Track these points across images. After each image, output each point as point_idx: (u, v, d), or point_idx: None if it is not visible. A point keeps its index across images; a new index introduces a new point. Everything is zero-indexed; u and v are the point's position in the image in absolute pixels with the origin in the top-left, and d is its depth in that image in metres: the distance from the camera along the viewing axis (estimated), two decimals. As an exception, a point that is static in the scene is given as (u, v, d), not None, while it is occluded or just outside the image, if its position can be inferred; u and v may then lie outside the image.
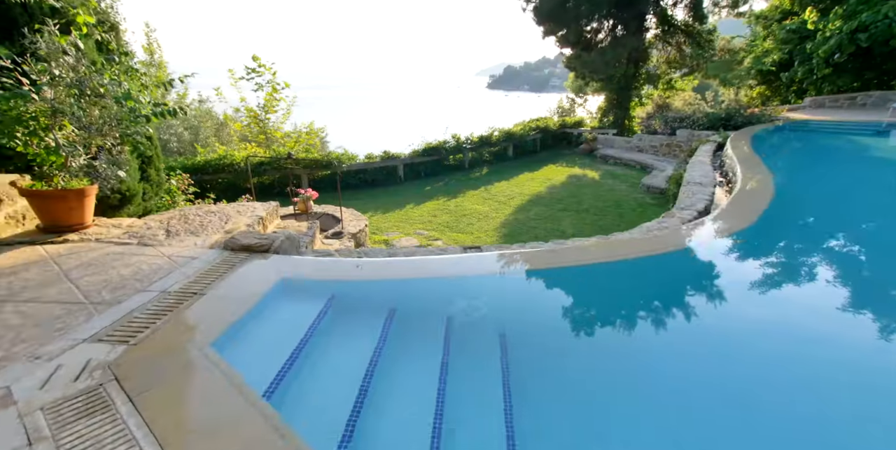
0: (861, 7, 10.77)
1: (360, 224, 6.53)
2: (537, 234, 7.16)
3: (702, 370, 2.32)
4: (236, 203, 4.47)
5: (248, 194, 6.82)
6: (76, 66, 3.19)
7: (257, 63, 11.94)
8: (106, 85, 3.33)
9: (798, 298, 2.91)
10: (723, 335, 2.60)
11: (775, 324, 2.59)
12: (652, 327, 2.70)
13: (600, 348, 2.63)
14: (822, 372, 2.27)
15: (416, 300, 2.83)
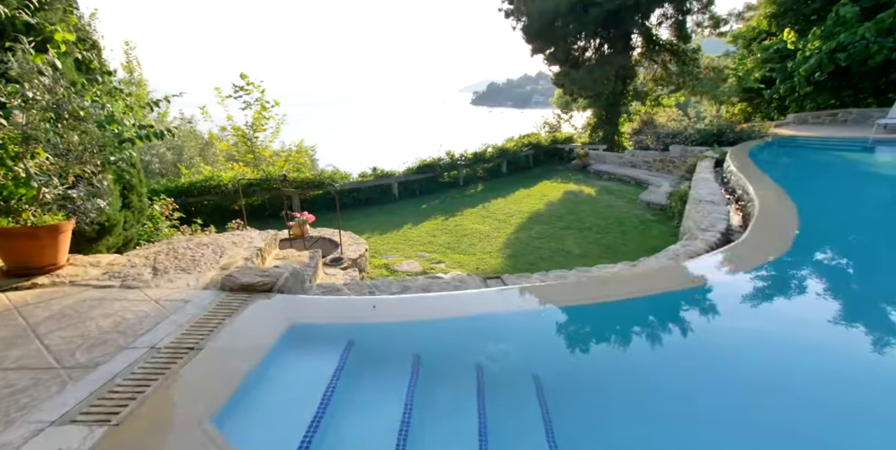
0: (838, 28, 11.22)
1: (360, 249, 6.19)
2: (542, 254, 6.92)
3: (760, 413, 2.05)
4: (230, 233, 4.10)
5: (238, 219, 6.42)
6: (53, 87, 2.85)
7: (245, 81, 11.68)
8: (87, 108, 2.99)
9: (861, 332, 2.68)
10: (787, 374, 2.34)
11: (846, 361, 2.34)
12: (709, 371, 2.43)
13: (652, 393, 2.34)
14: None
15: (442, 345, 2.51)
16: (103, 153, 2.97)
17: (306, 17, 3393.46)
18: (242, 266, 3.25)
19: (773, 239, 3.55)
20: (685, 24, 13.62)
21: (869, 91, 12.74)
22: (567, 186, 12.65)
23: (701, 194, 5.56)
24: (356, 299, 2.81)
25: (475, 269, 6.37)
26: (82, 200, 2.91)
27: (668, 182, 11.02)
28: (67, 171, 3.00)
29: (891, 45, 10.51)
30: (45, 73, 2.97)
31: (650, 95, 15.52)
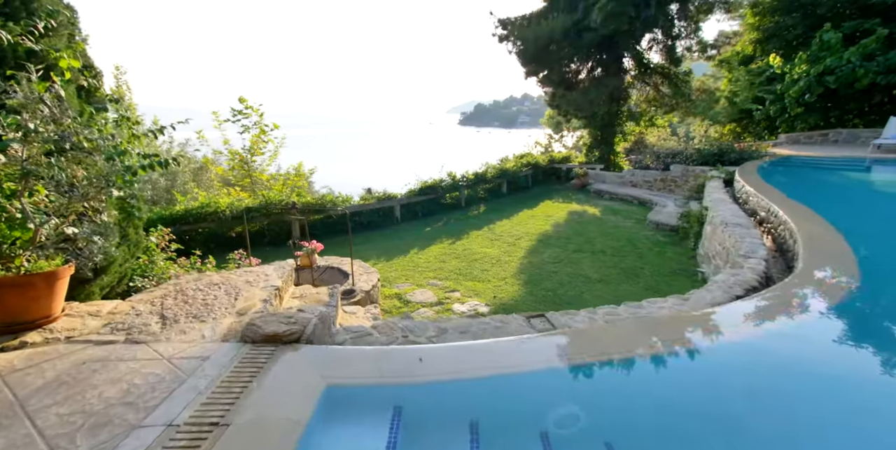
0: (823, 53, 11.63)
1: (372, 278, 5.86)
2: (560, 279, 6.66)
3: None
4: (242, 270, 3.76)
5: (241, 250, 6.05)
6: (59, 117, 2.57)
7: (244, 105, 11.51)
8: (95, 139, 2.71)
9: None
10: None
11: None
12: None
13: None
14: None
15: (504, 408, 2.19)
16: (111, 188, 2.66)
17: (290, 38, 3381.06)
18: (262, 311, 2.91)
19: (835, 266, 3.34)
20: (675, 49, 14.00)
21: (855, 112, 13.13)
22: (570, 206, 12.54)
23: (724, 217, 5.41)
24: (396, 350, 2.49)
25: (492, 298, 6.07)
26: (85, 242, 2.58)
27: (673, 202, 10.98)
28: (69, 209, 2.68)
29: (875, 69, 10.89)
30: (47, 102, 2.70)
31: (644, 116, 15.77)
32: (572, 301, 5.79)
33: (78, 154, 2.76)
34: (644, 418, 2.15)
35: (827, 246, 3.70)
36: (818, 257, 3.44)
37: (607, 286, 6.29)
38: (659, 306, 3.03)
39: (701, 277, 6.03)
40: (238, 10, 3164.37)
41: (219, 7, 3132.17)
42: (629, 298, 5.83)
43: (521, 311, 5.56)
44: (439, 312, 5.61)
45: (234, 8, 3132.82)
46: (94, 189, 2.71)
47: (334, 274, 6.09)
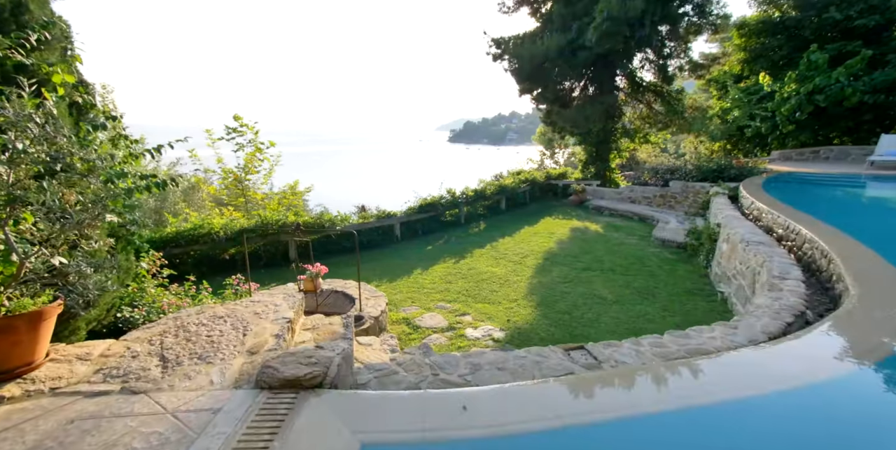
0: (811, 73, 11.99)
1: (380, 303, 5.55)
2: (573, 301, 6.41)
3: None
4: (248, 300, 3.45)
5: (238, 274, 5.70)
6: (54, 136, 2.30)
7: (239, 122, 11.29)
8: (93, 160, 2.44)
9: None
10: None
11: None
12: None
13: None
14: None
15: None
16: (111, 214, 2.38)
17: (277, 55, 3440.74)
18: (275, 348, 2.61)
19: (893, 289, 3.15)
20: (667, 68, 14.30)
21: (843, 130, 13.46)
22: (570, 222, 12.43)
23: (743, 234, 5.28)
24: (434, 396, 2.20)
25: (506, 321, 5.79)
26: (78, 276, 2.27)
27: (675, 218, 10.94)
28: (60, 238, 2.38)
29: (862, 88, 11.22)
30: (37, 119, 2.44)
31: (639, 133, 15.96)
32: (590, 324, 5.54)
33: (71, 176, 2.48)
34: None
35: (869, 266, 3.54)
36: (868, 279, 3.26)
37: (622, 307, 6.07)
38: (708, 337, 2.80)
39: (721, 298, 5.84)
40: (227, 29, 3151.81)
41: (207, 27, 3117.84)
42: (647, 319, 5.62)
43: (538, 336, 5.29)
44: (452, 339, 5.30)
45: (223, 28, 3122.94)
46: (90, 215, 2.43)
47: (339, 299, 5.77)
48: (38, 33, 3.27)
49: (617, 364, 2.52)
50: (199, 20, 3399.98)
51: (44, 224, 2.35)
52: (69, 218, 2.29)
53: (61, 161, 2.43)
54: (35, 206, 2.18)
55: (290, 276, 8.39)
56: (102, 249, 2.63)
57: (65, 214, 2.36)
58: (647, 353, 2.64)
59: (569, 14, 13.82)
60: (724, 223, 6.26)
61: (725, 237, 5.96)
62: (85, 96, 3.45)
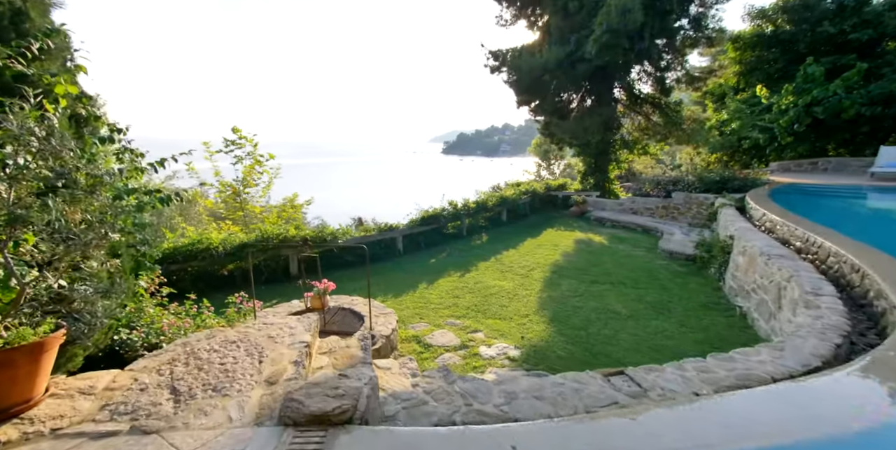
0: (808, 85, 12.19)
1: (390, 320, 5.34)
2: (587, 316, 6.24)
3: None
4: (260, 322, 3.24)
5: (242, 292, 5.47)
6: (59, 150, 2.14)
7: (238, 135, 11.13)
8: (101, 175, 2.27)
9: None
10: None
11: None
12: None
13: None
14: None
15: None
16: (119, 233, 2.19)
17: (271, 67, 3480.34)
18: (295, 377, 2.40)
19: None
20: (665, 80, 14.47)
21: (839, 141, 13.64)
22: (573, 234, 12.33)
23: (761, 247, 5.18)
24: (476, 434, 2.01)
25: (520, 339, 5.59)
26: (85, 302, 2.07)
27: (679, 230, 10.88)
28: (64, 260, 2.19)
29: (860, 100, 11.40)
30: (37, 133, 2.27)
31: (638, 144, 16.06)
32: (608, 341, 5.36)
33: (77, 193, 2.30)
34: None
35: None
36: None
37: (639, 323, 5.90)
38: (756, 360, 2.64)
39: (739, 312, 5.71)
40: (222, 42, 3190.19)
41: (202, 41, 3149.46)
42: (666, 336, 5.45)
43: (555, 354, 5.09)
44: (466, 358, 5.08)
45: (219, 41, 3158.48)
46: (97, 235, 2.24)
47: (347, 316, 5.55)
48: (40, 42, 3.13)
49: (664, 392, 2.35)
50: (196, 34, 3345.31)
51: (46, 245, 2.16)
52: (75, 238, 2.11)
53: (66, 177, 2.26)
54: (39, 226, 1.99)
55: (291, 291, 8.14)
56: (102, 271, 2.43)
57: (69, 234, 2.18)
58: (695, 379, 2.47)
59: (567, 27, 13.99)
60: (737, 235, 6.17)
61: (741, 250, 5.86)
62: (89, 108, 3.29)
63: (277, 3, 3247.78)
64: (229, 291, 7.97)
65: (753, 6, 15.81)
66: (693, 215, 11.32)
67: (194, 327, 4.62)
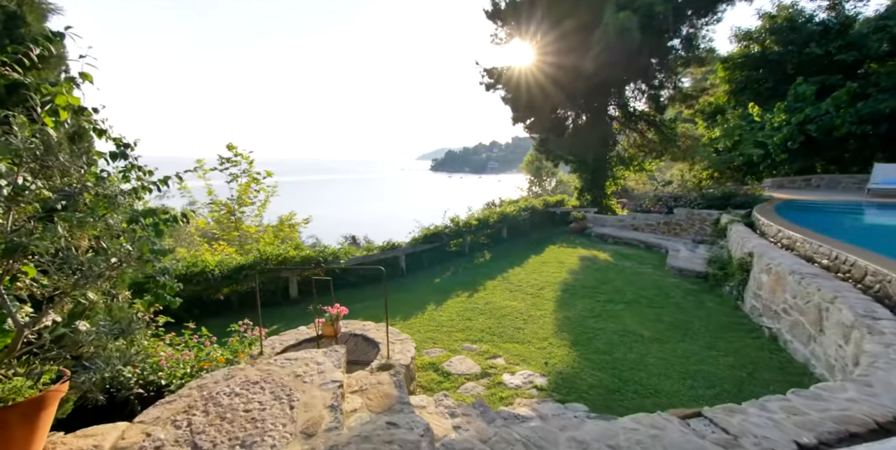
0: (799, 104, 12.54)
1: (408, 348, 4.98)
2: (608, 338, 5.97)
3: None
4: (284, 357, 2.90)
5: (247, 320, 5.06)
6: (67, 168, 1.84)
7: (233, 152, 10.84)
8: (114, 195, 1.97)
9: None
10: None
11: None
12: None
13: None
14: None
15: None
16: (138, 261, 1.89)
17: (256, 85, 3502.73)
18: (340, 430, 2.07)
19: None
20: (659, 98, 14.74)
21: (828, 159, 14.00)
22: (576, 250, 12.16)
23: (789, 265, 5.04)
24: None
25: (544, 365, 5.28)
26: (96, 346, 1.74)
27: (683, 246, 10.80)
28: (68, 294, 1.86)
29: (850, 119, 11.74)
30: (38, 149, 1.99)
31: (635, 161, 16.22)
32: (636, 366, 5.08)
33: (86, 217, 2.00)
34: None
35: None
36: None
37: (664, 346, 5.65)
38: (845, 398, 2.40)
39: (768, 334, 5.50)
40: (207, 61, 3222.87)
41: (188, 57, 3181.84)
42: (697, 360, 5.17)
43: (584, 382, 4.78)
44: (490, 388, 4.74)
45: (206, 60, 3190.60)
46: (108, 265, 1.92)
47: (360, 344, 5.18)
48: (41, 47, 2.84)
49: (759, 440, 2.08)
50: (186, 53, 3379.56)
51: (48, 278, 1.84)
52: (85, 270, 1.79)
53: (74, 197, 1.96)
54: (45, 256, 1.68)
55: (292, 314, 7.71)
56: (117, 306, 2.10)
57: (78, 264, 1.86)
58: (787, 422, 2.21)
59: (564, 46, 14.22)
60: (758, 253, 6.04)
61: (764, 268, 5.71)
62: (94, 121, 3.00)
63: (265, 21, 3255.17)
64: (226, 317, 7.53)
65: (740, 28, 16.48)
66: (696, 231, 11.29)
67: (195, 361, 4.21)
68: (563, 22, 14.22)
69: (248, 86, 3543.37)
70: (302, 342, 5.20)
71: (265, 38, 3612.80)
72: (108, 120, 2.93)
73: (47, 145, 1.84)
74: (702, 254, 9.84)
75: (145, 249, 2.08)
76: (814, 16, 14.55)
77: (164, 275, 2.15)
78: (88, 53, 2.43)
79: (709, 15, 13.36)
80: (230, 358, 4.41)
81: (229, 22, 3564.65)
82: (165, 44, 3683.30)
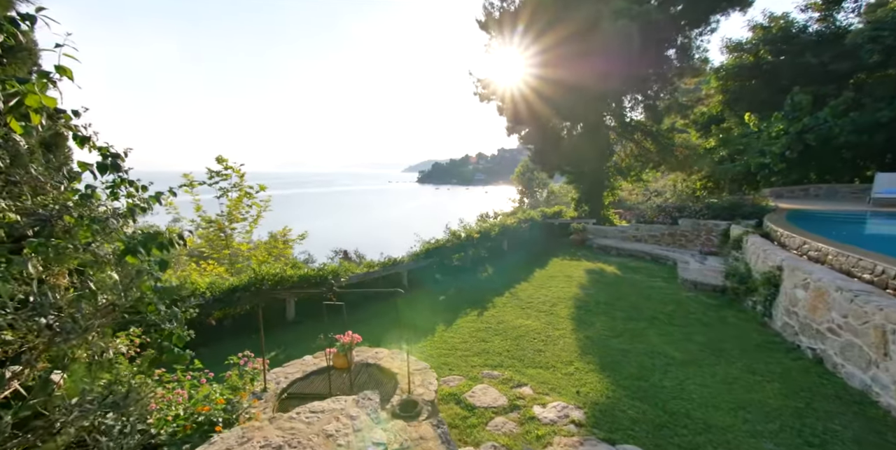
0: (797, 113, 12.63)
1: (429, 379, 4.48)
2: (640, 362, 5.56)
3: None
4: (308, 409, 2.39)
5: (247, 351, 4.50)
6: (43, 183, 1.37)
7: (223, 165, 10.27)
8: (104, 219, 1.50)
9: None
10: None
11: None
12: None
13: None
14: None
15: None
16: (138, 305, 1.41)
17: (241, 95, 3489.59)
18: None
19: None
20: (657, 107, 14.75)
21: (825, 168, 14.11)
22: (581, 263, 11.84)
23: (833, 281, 4.75)
24: None
25: (576, 394, 4.82)
26: (80, 425, 1.24)
27: (691, 258, 10.58)
28: (43, 351, 1.36)
29: (847, 128, 11.85)
30: (2, 158, 1.52)
31: (633, 171, 16.14)
32: (678, 395, 4.66)
33: (64, 245, 1.52)
34: None
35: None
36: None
37: (701, 369, 5.26)
38: None
39: (812, 356, 5.17)
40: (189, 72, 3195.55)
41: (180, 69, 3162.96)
42: (743, 387, 4.72)
43: (625, 415, 4.33)
44: (522, 424, 4.26)
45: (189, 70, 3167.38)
46: (99, 310, 1.44)
47: (373, 375, 4.66)
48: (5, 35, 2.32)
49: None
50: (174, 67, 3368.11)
51: (14, 332, 1.35)
52: (77, 321, 1.30)
53: (53, 220, 1.48)
54: (9, 304, 1.19)
55: (291, 338, 7.11)
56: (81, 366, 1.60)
57: (56, 311, 1.37)
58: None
59: (560, 56, 14.16)
60: (790, 266, 5.76)
61: (800, 283, 5.42)
62: (75, 127, 2.51)
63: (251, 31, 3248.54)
64: (221, 344, 6.90)
65: (731, 39, 16.77)
66: (703, 243, 11.09)
67: (190, 403, 3.65)
68: (558, 32, 14.19)
69: (228, 98, 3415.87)
70: (310, 375, 4.65)
71: (250, 48, 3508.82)
72: (91, 125, 2.45)
73: (14, 155, 1.37)
74: (713, 266, 9.60)
75: (145, 287, 1.60)
76: (807, 26, 14.86)
77: (171, 322, 1.66)
78: (67, 42, 1.96)
79: (702, 25, 13.50)
80: (230, 398, 3.85)
81: (214, 32, 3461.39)
82: (152, 51, 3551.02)
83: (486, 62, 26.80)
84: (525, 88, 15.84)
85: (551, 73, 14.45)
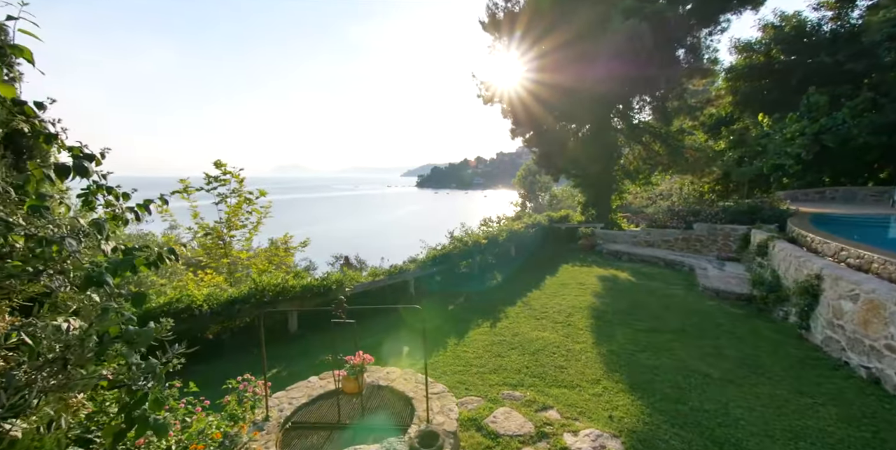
0: (812, 114, 12.29)
1: (449, 406, 4.03)
2: (673, 380, 5.12)
3: None
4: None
5: (248, 375, 4.06)
6: None
7: (222, 170, 9.84)
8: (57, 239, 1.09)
9: None
10: None
11: None
12: None
13: None
14: None
15: None
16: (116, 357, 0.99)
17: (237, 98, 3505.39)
18: None
19: None
20: (667, 109, 14.41)
21: (841, 170, 13.74)
22: (592, 269, 11.43)
23: (888, 293, 4.35)
24: None
25: (608, 419, 4.38)
26: None
27: (710, 264, 10.16)
28: None
29: (866, 128, 11.51)
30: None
31: (642, 175, 15.78)
32: (725, 422, 4.21)
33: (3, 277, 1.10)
34: None
35: None
36: None
37: (742, 389, 4.83)
38: None
39: (867, 375, 4.74)
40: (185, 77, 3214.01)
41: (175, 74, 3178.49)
42: (796, 412, 4.24)
43: (667, 445, 3.89)
44: (554, 455, 3.82)
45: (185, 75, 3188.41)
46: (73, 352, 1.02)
47: (386, 399, 4.22)
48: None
49: None
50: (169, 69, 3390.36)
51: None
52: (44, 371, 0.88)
53: None
54: None
55: (293, 354, 6.66)
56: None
57: None
58: None
59: (566, 57, 13.85)
60: (833, 275, 5.35)
61: (846, 294, 5.01)
62: (37, 122, 2.09)
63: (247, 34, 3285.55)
64: (218, 360, 6.46)
65: (739, 40, 16.49)
66: (720, 248, 10.69)
67: (183, 434, 3.23)
68: (563, 33, 13.90)
69: (223, 101, 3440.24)
70: (317, 400, 4.22)
71: (246, 49, 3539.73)
72: (61, 121, 2.03)
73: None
74: (734, 272, 9.20)
75: (113, 331, 1.19)
76: (821, 25, 14.57)
77: (146, 379, 1.24)
78: (23, 15, 1.55)
79: (712, 25, 13.20)
80: (228, 431, 3.42)
81: (211, 34, 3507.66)
82: (147, 54, 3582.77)
83: (489, 64, 26.43)
84: (529, 90, 15.52)
85: (555, 74, 14.13)
